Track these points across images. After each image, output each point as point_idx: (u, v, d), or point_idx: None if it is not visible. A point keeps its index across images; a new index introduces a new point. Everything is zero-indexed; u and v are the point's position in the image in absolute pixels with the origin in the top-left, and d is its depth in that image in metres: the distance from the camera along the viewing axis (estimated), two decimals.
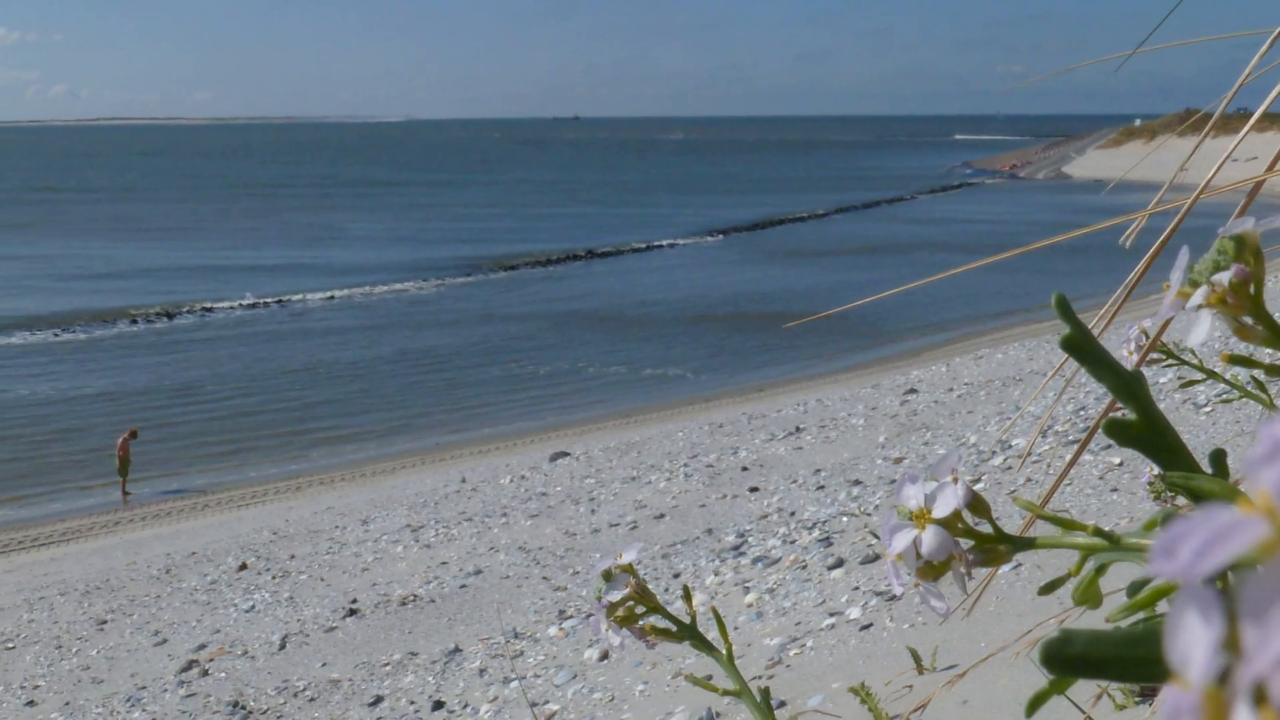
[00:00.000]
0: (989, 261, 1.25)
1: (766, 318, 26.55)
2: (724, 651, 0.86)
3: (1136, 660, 0.42)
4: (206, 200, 69.32)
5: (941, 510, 0.57)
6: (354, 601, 9.67)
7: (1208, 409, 7.28)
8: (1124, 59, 1.29)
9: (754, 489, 10.43)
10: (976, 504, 0.59)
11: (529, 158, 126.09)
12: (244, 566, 11.44)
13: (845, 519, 8.09)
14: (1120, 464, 6.69)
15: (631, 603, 0.84)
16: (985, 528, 0.59)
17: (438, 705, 6.97)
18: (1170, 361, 1.25)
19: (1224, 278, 0.55)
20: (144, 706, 8.14)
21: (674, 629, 0.85)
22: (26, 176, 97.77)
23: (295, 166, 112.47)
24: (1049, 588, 0.60)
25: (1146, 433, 0.57)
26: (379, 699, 7.44)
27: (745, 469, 11.42)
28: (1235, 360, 0.60)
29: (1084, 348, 0.58)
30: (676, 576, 8.02)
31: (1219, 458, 0.60)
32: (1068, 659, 0.42)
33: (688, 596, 0.89)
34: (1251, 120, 1.01)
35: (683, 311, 29.13)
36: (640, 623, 0.85)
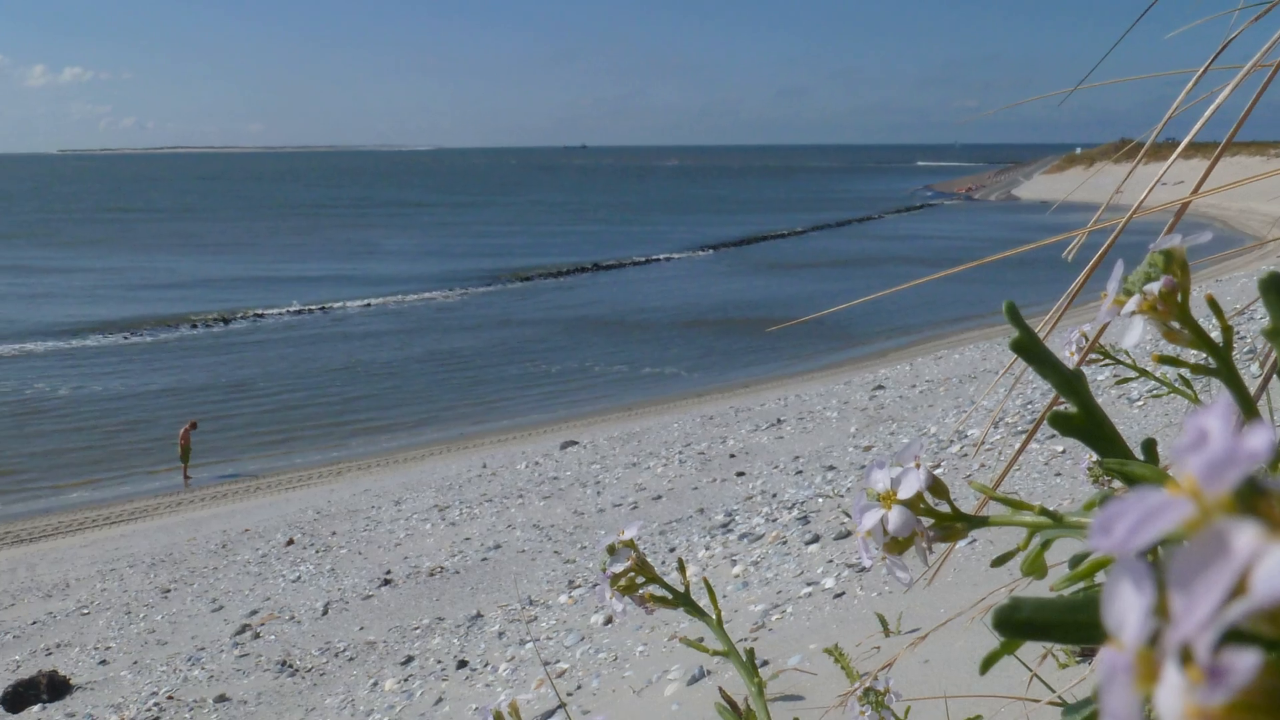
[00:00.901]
0: (947, 273, 1.25)
1: (751, 323, 26.56)
2: (714, 617, 0.86)
3: (1078, 624, 0.42)
4: (258, 219, 69.33)
5: (906, 492, 0.57)
6: (388, 573, 9.67)
7: (1140, 403, 7.28)
8: (1066, 94, 1.29)
9: (740, 474, 10.42)
10: (936, 487, 0.59)
11: (542, 182, 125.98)
12: (291, 542, 11.44)
13: (821, 500, 8.09)
14: (1063, 452, 6.69)
15: (632, 574, 0.84)
16: (944, 508, 0.59)
17: (462, 664, 6.97)
18: (1107, 361, 1.25)
19: (1154, 287, 0.55)
20: (203, 665, 8.14)
21: (670, 597, 0.85)
22: (99, 198, 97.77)
23: (336, 189, 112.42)
24: (1000, 560, 0.60)
25: (1086, 424, 0.57)
26: (410, 658, 7.44)
27: (733, 456, 11.42)
28: (1164, 360, 0.60)
29: (1031, 349, 0.58)
30: (672, 551, 8.02)
31: (1150, 446, 0.60)
32: (1017, 623, 0.42)
33: (682, 568, 0.89)
34: (1179, 149, 1.01)
35: (677, 317, 29.12)
36: (640, 591, 0.85)
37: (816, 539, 6.93)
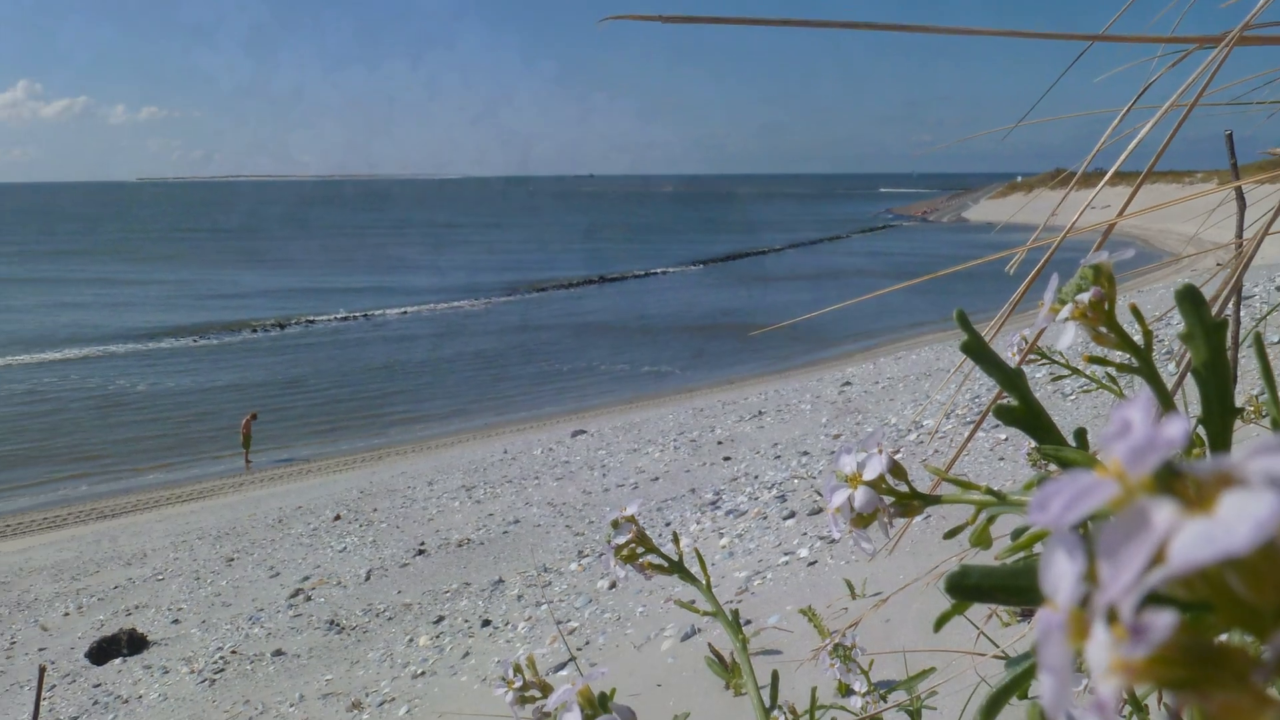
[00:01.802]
0: (906, 284, 1.25)
1: (737, 328, 26.54)
2: (704, 582, 0.86)
3: (1019, 589, 0.42)
4: (310, 239, 69.30)
5: (870, 474, 0.57)
6: (422, 544, 9.67)
7: (1072, 397, 7.28)
8: (1009, 130, 1.29)
9: (727, 458, 10.42)
10: (896, 469, 0.59)
11: (556, 205, 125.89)
12: (338, 517, 11.44)
13: (796, 481, 8.09)
14: (1006, 439, 6.69)
15: (634, 545, 0.84)
16: (903, 488, 0.59)
17: (486, 623, 6.97)
18: (1044, 361, 1.25)
19: (1085, 297, 0.55)
20: (262, 624, 8.13)
21: (666, 565, 0.85)
22: (172, 220, 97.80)
23: (377, 213, 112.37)
24: (951, 533, 0.60)
25: (1026, 415, 0.57)
26: (441, 618, 7.44)
27: (720, 443, 11.42)
28: (1093, 360, 0.60)
29: (979, 351, 0.58)
30: (668, 525, 8.01)
31: (1081, 434, 0.60)
32: (966, 588, 0.42)
33: (676, 540, 0.89)
34: (1106, 177, 1.01)
35: (673, 323, 29.10)
36: (640, 560, 0.85)
37: (793, 515, 6.93)
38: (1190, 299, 0.50)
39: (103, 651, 7.96)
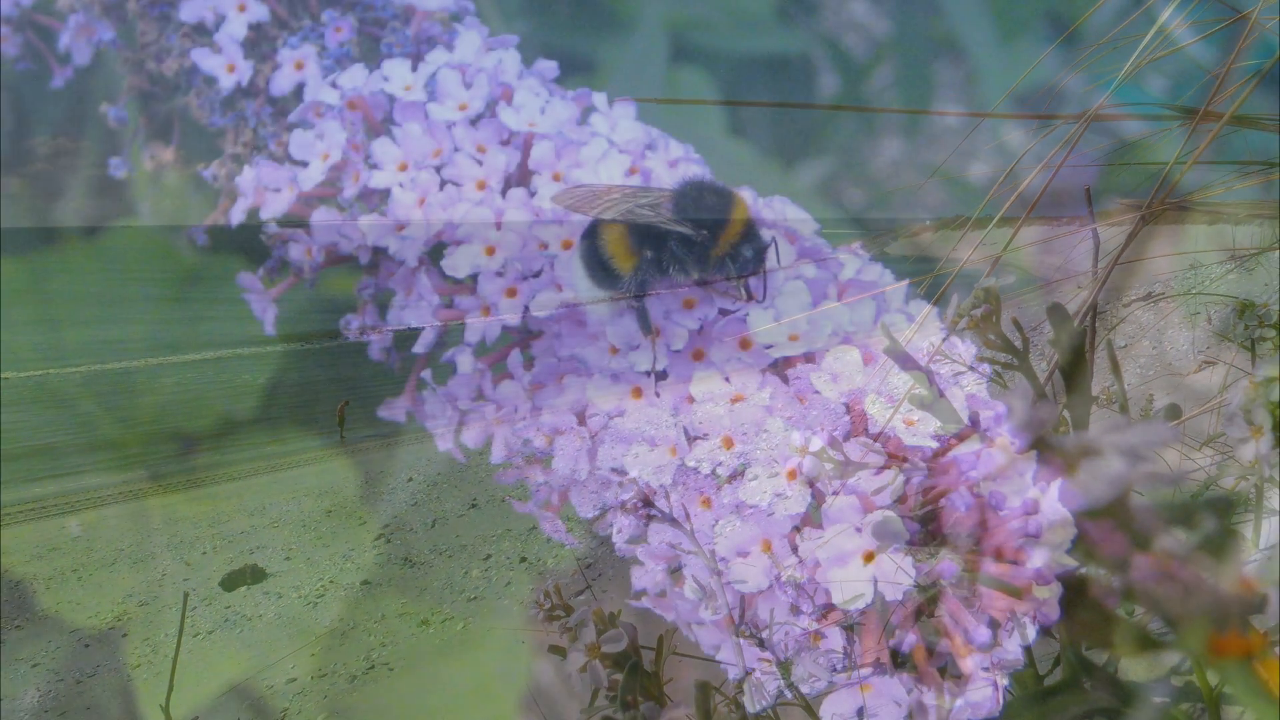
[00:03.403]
0: (845, 303, 1.25)
1: (716, 334, 26.50)
2: (688, 528, 0.86)
3: (929, 533, 0.42)
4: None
5: (814, 446, 0.58)
6: (474, 500, 9.67)
7: (968, 388, 7.29)
8: (922, 184, 1.30)
9: (705, 435, 10.43)
10: (834, 443, 0.59)
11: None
12: (410, 479, 11.43)
13: (759, 452, 8.10)
14: (918, 420, 6.69)
15: (634, 500, 0.84)
16: (839, 456, 0.59)
17: (523, 559, 6.98)
18: (946, 360, 1.25)
19: (978, 312, 0.55)
20: (352, 560, 8.13)
21: (659, 515, 0.85)
22: None
23: None
24: (876, 491, 0.60)
25: (933, 402, 0.58)
26: (489, 555, 7.45)
27: (700, 422, 11.41)
28: (985, 359, 0.60)
29: (898, 353, 0.58)
30: (661, 485, 8.03)
31: (975, 418, 0.60)
32: (889, 532, 0.43)
33: (667, 496, 0.89)
34: (994, 220, 1.02)
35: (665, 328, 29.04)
36: (639, 511, 0.85)
37: (755, 478, 6.95)
38: (1058, 314, 0.51)
39: (231, 581, 7.98)
